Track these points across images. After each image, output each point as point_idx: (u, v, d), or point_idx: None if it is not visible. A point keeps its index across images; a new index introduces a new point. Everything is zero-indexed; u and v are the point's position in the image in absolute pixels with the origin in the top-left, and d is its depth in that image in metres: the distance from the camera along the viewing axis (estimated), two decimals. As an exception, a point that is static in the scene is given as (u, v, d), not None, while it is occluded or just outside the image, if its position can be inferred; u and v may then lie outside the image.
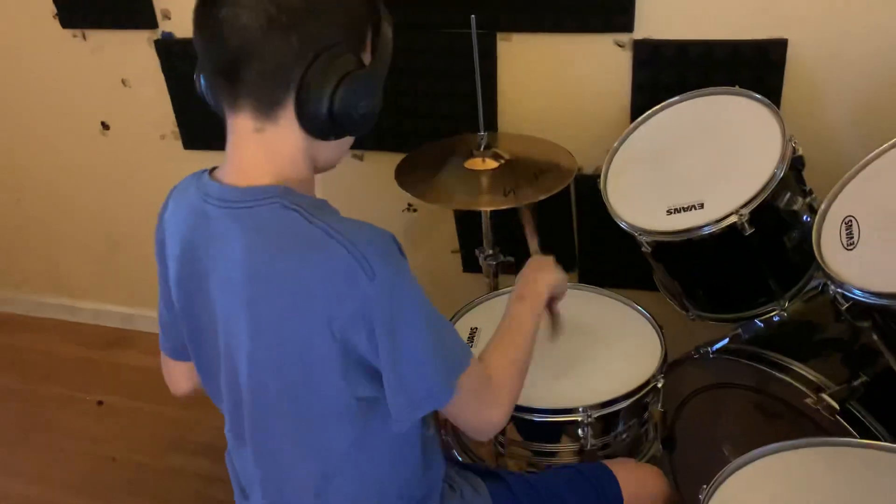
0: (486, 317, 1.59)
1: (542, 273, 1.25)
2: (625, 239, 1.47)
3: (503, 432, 1.40)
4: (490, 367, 1.04)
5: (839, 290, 1.14)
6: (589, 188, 1.80)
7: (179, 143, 2.33)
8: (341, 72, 0.88)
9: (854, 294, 1.12)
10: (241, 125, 0.92)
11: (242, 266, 0.90)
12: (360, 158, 2.13)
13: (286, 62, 0.87)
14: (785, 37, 1.62)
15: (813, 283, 1.48)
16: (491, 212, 1.75)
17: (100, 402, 2.46)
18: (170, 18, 2.13)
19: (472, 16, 1.55)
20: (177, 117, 2.28)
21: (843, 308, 1.15)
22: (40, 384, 2.58)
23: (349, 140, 1.01)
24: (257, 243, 0.89)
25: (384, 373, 0.90)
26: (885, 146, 1.27)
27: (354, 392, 0.93)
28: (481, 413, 1.02)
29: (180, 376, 1.18)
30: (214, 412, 1.12)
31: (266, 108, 0.90)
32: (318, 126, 0.91)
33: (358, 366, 0.91)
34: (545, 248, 1.26)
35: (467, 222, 2.09)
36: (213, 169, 0.99)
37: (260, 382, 0.96)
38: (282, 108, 0.90)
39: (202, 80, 1.00)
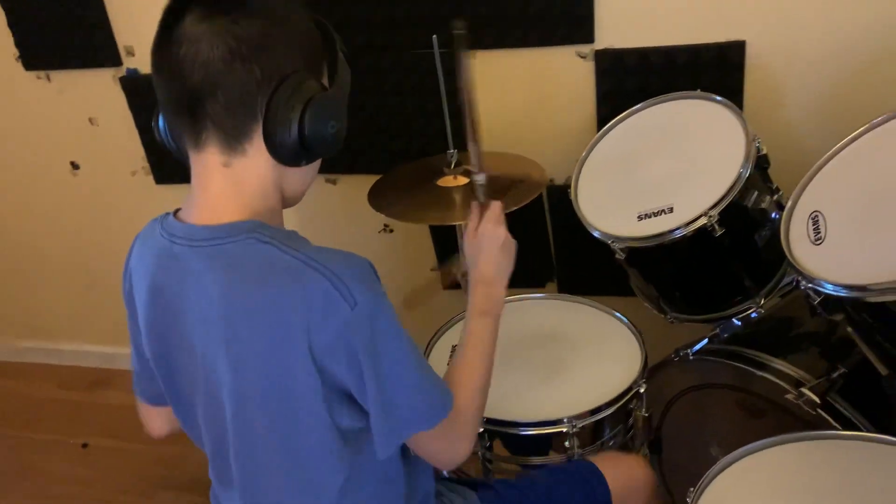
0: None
1: (501, 269, 1.15)
2: (600, 247, 1.48)
3: (489, 448, 1.41)
4: (458, 399, 1.01)
5: (810, 285, 1.16)
6: (561, 199, 1.81)
7: (151, 179, 2.32)
8: (306, 96, 0.89)
9: (824, 288, 1.13)
10: (207, 161, 0.91)
11: (218, 304, 0.89)
12: (334, 183, 2.14)
13: (250, 91, 0.87)
14: (742, 38, 1.65)
15: (787, 279, 1.49)
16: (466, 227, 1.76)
17: (84, 445, 2.43)
18: (133, 55, 2.13)
19: (434, 36, 1.56)
20: (147, 153, 2.27)
21: (816, 302, 1.17)
22: (23, 430, 2.54)
23: (316, 166, 1.01)
24: (232, 280, 0.89)
25: (369, 398, 0.89)
26: (844, 141, 1.29)
27: (338, 423, 0.92)
28: (449, 445, 1.01)
29: (156, 420, 1.17)
30: (201, 446, 1.10)
31: (233, 140, 0.90)
32: (287, 152, 0.91)
33: (340, 396, 0.91)
34: (520, 259, 1.19)
35: (444, 239, 2.10)
36: (177, 211, 0.98)
37: (246, 420, 0.95)
38: (249, 139, 0.90)
39: (161, 124, 1.00)
